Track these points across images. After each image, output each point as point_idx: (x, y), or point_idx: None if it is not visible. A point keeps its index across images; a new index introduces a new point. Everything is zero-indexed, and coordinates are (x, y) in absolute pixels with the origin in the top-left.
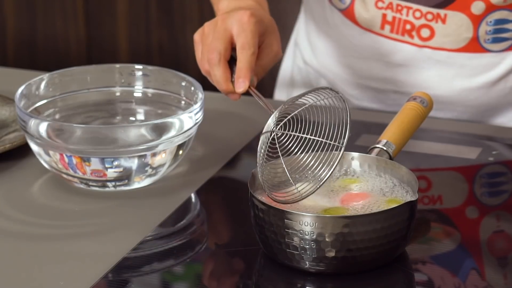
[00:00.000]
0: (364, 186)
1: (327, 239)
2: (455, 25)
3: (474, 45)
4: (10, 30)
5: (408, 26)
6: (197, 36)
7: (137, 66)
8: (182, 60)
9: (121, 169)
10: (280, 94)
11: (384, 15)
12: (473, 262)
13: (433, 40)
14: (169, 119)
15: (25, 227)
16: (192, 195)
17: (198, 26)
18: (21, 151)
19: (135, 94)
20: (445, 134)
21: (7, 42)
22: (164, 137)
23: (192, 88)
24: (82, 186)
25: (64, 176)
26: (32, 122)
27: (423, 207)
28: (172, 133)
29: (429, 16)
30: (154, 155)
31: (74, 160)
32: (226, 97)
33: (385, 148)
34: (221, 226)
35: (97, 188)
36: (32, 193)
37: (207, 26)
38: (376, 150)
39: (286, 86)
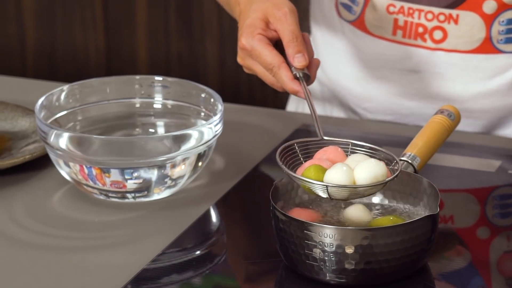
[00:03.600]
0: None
1: (346, 251)
2: (467, 25)
3: (487, 46)
4: (29, 41)
5: (420, 29)
6: (240, 60)
7: (157, 78)
8: (201, 72)
9: (140, 181)
10: (292, 107)
11: (395, 20)
12: (481, 280)
13: (446, 42)
14: (188, 131)
15: (45, 238)
16: (211, 207)
17: (217, 38)
18: (41, 162)
19: (155, 106)
20: (465, 146)
21: (27, 53)
22: (183, 149)
23: (212, 100)
24: (101, 197)
25: (84, 187)
26: (52, 133)
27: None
28: (192, 144)
29: (441, 17)
30: (173, 166)
31: (94, 171)
32: (245, 109)
33: (410, 161)
34: (240, 237)
35: (116, 199)
36: (51, 204)
37: (245, 41)
38: (400, 163)
39: (297, 100)
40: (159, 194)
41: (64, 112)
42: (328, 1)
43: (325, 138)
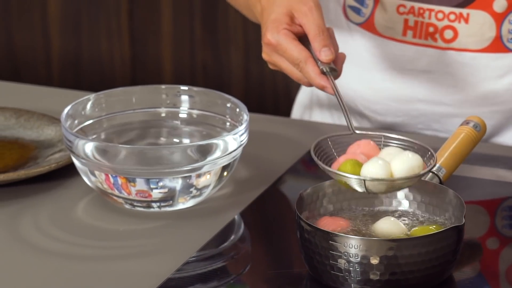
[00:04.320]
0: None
1: (371, 262)
2: (478, 24)
3: (497, 45)
4: (55, 50)
5: (431, 29)
6: (265, 56)
7: (183, 87)
8: (226, 81)
9: (166, 190)
10: (296, 114)
11: (406, 20)
12: None
13: (456, 41)
14: (214, 141)
15: (70, 247)
16: (236, 217)
17: (242, 47)
18: (67, 171)
19: (180, 115)
20: (486, 156)
21: (52, 62)
22: (209, 158)
23: (237, 110)
24: (127, 206)
25: (109, 196)
26: (78, 142)
27: None
28: (217, 154)
29: (452, 17)
30: (199, 176)
31: (120, 181)
32: (271, 119)
33: (435, 172)
34: (265, 247)
35: (141, 209)
36: (76, 213)
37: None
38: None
39: (303, 107)
40: (184, 203)
41: (90, 121)
42: (334, 5)
43: (357, 131)
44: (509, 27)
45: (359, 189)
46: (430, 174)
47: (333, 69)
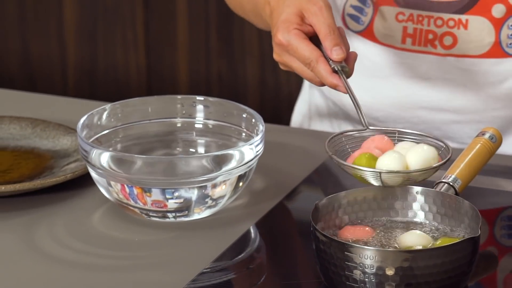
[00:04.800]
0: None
1: (387, 273)
2: (477, 30)
3: (496, 50)
4: (71, 60)
5: (430, 36)
6: (276, 57)
7: (199, 98)
8: (241, 91)
9: (181, 200)
10: (295, 123)
11: (405, 28)
12: None
13: (456, 48)
14: (229, 151)
15: (85, 257)
16: (252, 227)
17: (257, 58)
18: (82, 181)
19: (196, 125)
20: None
21: (68, 71)
22: (224, 169)
23: (253, 120)
24: (142, 216)
25: (125, 206)
26: (94, 152)
27: None
28: (233, 164)
29: (451, 23)
30: (214, 186)
31: (135, 191)
32: (286, 129)
33: (451, 183)
34: (280, 258)
35: (157, 219)
36: (92, 223)
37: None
38: (441, 185)
39: (302, 116)
40: (200, 214)
41: (106, 131)
42: (334, 13)
43: (371, 127)
44: (508, 32)
45: (375, 182)
46: (446, 185)
47: (345, 67)
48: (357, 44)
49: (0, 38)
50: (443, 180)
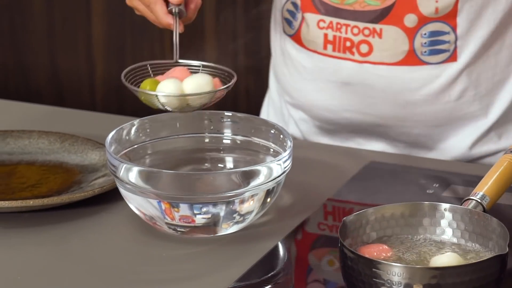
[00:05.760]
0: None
1: None
2: (391, 38)
3: (411, 58)
4: (99, 75)
5: (348, 43)
6: (128, 2)
7: (227, 113)
8: None
9: (209, 216)
10: (263, 115)
11: (325, 35)
12: None
13: (372, 55)
14: (258, 167)
15: (112, 272)
16: (279, 243)
17: None
18: (110, 196)
19: (224, 141)
20: None
21: (95, 87)
22: (252, 184)
23: (281, 136)
24: (170, 231)
25: (153, 221)
26: (122, 167)
27: None
28: (261, 180)
29: (366, 32)
30: (242, 202)
31: (163, 206)
32: (314, 145)
33: (479, 200)
34: (307, 275)
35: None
36: (119, 237)
37: None
38: (469, 202)
39: (267, 108)
40: (227, 229)
41: (134, 146)
42: (279, 17)
43: (180, 61)
44: (421, 40)
45: (158, 105)
46: (474, 202)
47: (182, 11)
48: (290, 48)
49: (29, 53)
50: (471, 197)
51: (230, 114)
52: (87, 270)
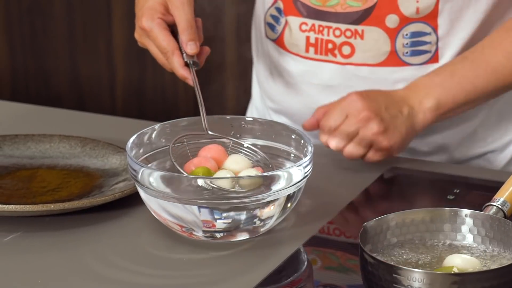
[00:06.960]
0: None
1: None
2: (372, 40)
3: (393, 59)
4: (119, 80)
5: (330, 46)
6: (137, 37)
7: (248, 118)
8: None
9: (230, 220)
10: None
11: (307, 38)
12: None
13: (354, 57)
14: (278, 172)
15: (133, 276)
16: (300, 248)
17: None
18: (131, 200)
19: (245, 146)
20: None
21: (116, 91)
22: (273, 190)
23: (302, 141)
24: (191, 236)
25: (173, 225)
26: (143, 172)
27: None
28: (281, 185)
29: (348, 33)
30: (262, 207)
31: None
32: (334, 152)
33: (500, 207)
34: (328, 279)
35: (205, 239)
36: (140, 241)
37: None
38: (490, 208)
39: (254, 110)
40: (247, 234)
41: (155, 151)
42: (261, 22)
43: (210, 132)
44: (403, 41)
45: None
46: (495, 208)
47: (196, 62)
48: (273, 52)
49: (50, 58)
50: (492, 203)
51: (251, 119)
52: (106, 274)
